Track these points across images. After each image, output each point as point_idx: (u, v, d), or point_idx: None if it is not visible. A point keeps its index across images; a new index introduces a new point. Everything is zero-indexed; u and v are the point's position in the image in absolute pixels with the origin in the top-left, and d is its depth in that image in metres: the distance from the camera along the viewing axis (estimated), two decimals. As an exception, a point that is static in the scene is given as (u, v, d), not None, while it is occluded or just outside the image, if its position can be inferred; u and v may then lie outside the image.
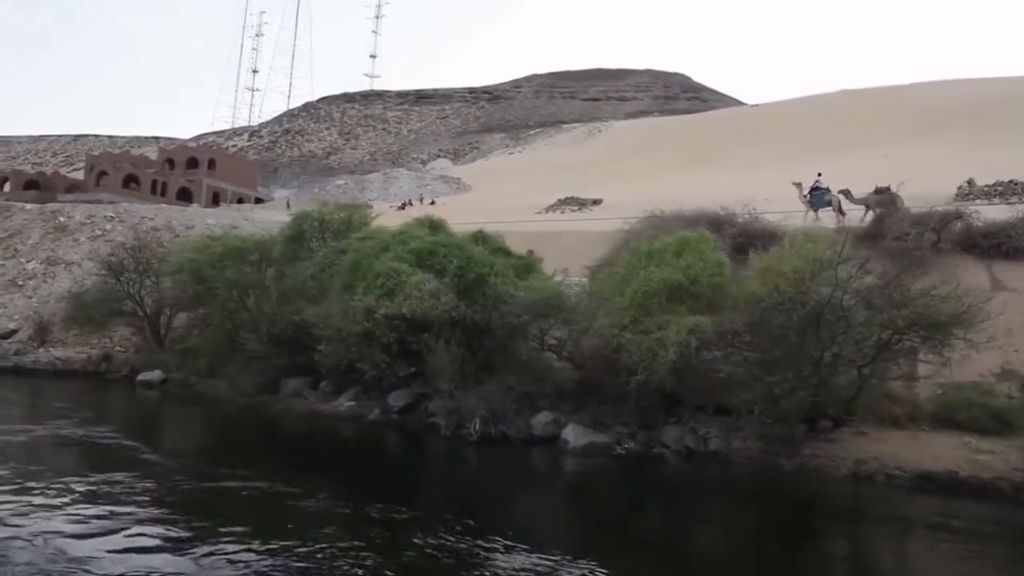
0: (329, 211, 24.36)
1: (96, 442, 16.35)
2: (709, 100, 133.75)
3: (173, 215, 37.66)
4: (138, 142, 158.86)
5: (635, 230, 29.44)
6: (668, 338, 16.42)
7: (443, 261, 20.39)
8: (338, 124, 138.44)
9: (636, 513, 13.98)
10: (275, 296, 21.59)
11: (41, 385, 25.78)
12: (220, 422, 20.66)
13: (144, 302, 27.80)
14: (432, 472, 16.94)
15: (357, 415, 20.51)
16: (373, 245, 21.64)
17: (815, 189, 33.51)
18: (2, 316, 30.45)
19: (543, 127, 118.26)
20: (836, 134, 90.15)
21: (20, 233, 35.89)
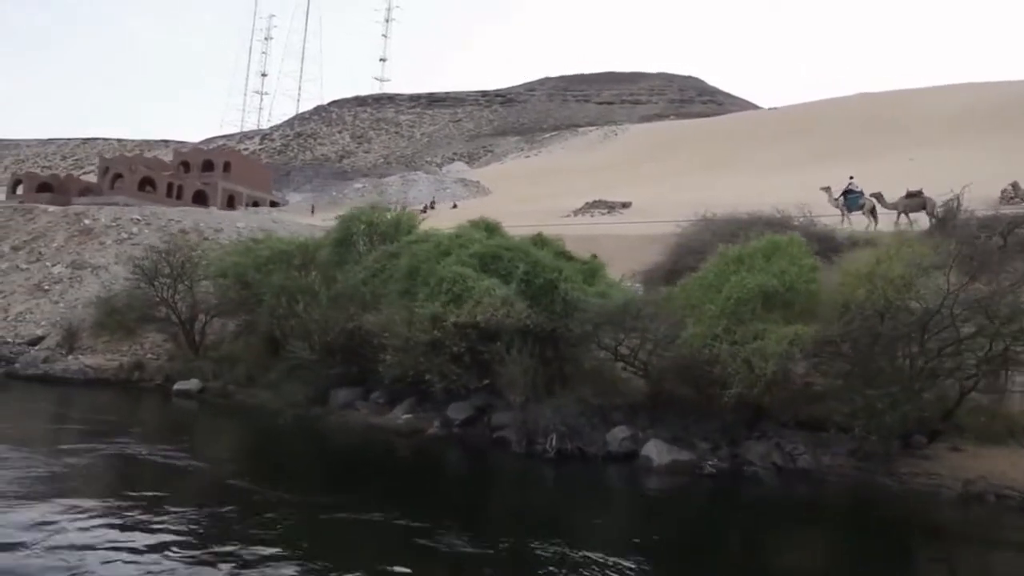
0: (377, 213, 23.15)
1: (145, 458, 15.24)
2: (724, 103, 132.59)
3: (200, 218, 36.52)
4: (148, 145, 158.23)
5: (688, 233, 28.36)
6: (767, 349, 15.23)
7: (508, 266, 19.20)
8: (350, 127, 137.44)
9: (738, 539, 12.83)
10: (325, 302, 20.40)
11: (73, 394, 24.62)
12: (271, 435, 19.46)
13: (178, 307, 26.65)
14: (508, 493, 15.73)
15: (415, 429, 19.29)
16: (429, 249, 20.47)
17: (848, 192, 32.53)
18: (29, 322, 29.30)
19: (557, 130, 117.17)
20: (856, 138, 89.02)
21: (44, 236, 34.76)
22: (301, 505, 12.20)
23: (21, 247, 34.25)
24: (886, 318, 16.10)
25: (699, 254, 26.16)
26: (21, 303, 30.36)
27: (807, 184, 67.69)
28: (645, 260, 28.67)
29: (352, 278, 21.04)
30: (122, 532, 10.00)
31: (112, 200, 60.05)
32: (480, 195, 73.65)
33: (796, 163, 78.22)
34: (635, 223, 37.43)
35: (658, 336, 17.17)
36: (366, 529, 11.14)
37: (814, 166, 76.20)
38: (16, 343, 28.20)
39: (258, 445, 18.79)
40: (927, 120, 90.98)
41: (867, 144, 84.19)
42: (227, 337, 27.79)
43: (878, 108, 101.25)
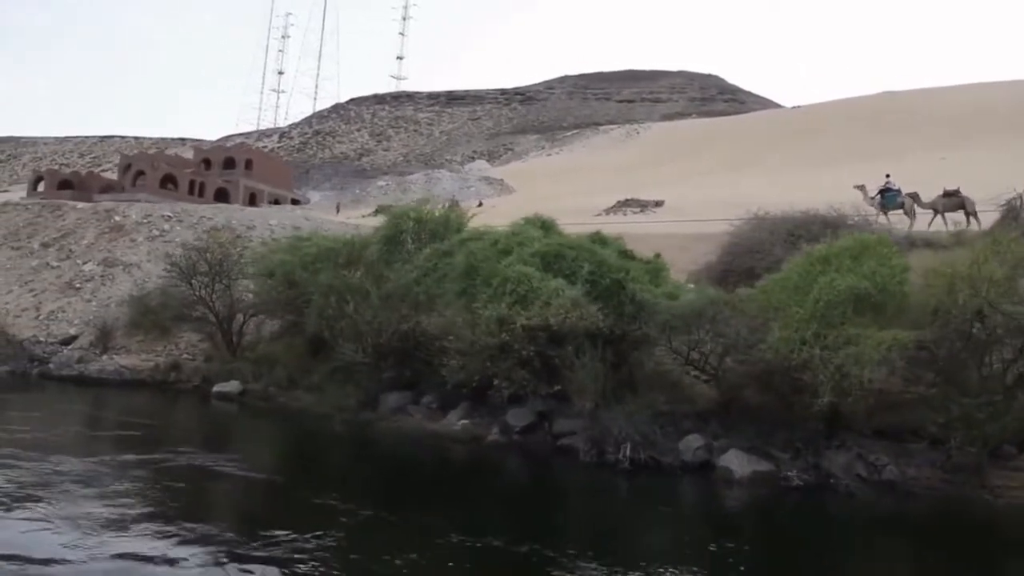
0: (427, 210, 22.26)
1: (192, 465, 14.45)
2: (746, 102, 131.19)
3: (232, 215, 35.73)
4: (165, 143, 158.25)
5: (742, 232, 27.37)
6: (863, 355, 14.24)
7: (572, 265, 18.22)
8: (369, 125, 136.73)
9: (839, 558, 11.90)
10: (376, 302, 19.52)
11: (109, 396, 23.88)
12: (322, 441, 18.60)
13: (216, 307, 25.86)
14: (582, 505, 14.78)
15: (473, 435, 18.41)
16: (486, 247, 19.55)
17: (886, 190, 31.59)
18: (61, 321, 28.56)
19: (578, 129, 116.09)
20: (881, 136, 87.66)
21: (73, 233, 34.06)
22: (362, 516, 11.62)
23: (51, 244, 33.57)
24: (984, 322, 15.12)
25: (756, 253, 25.22)
26: (52, 301, 29.65)
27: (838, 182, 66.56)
28: (695, 260, 27.75)
29: (404, 277, 20.13)
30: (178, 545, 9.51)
31: (134, 197, 59.51)
32: (504, 193, 72.73)
33: (823, 161, 77.02)
34: (678, 221, 36.41)
35: (737, 340, 16.19)
36: (431, 542, 10.46)
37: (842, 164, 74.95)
38: (49, 342, 27.47)
39: (310, 451, 17.91)
40: (952, 118, 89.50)
41: (893, 143, 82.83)
42: (263, 337, 27.02)
43: (902, 106, 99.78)
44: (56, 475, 12.68)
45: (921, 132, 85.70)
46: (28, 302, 29.75)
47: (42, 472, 12.76)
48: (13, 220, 36.25)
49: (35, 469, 12.94)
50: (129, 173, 74.54)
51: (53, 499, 11.14)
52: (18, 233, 34.96)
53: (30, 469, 12.91)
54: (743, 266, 25.13)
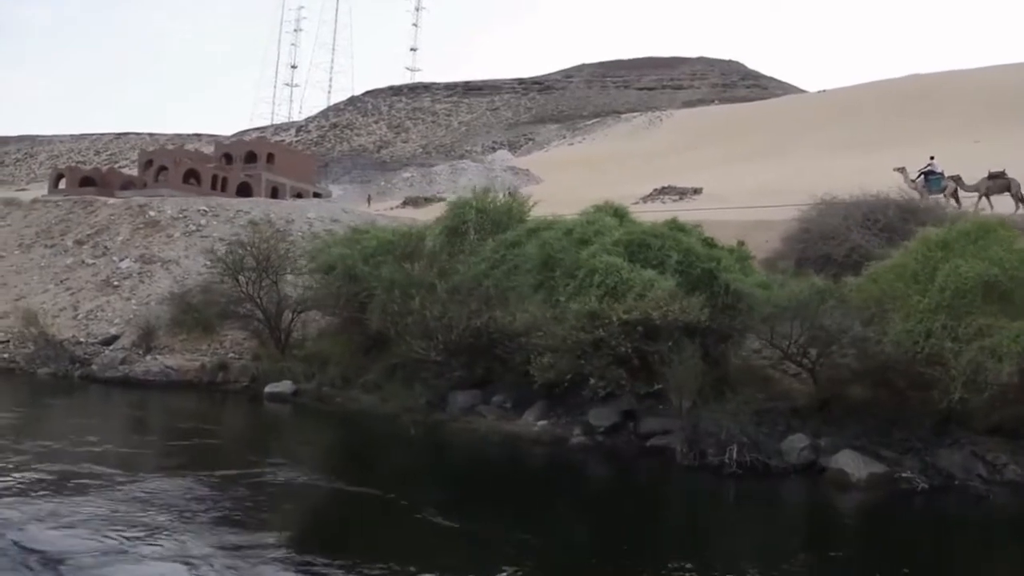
0: (490, 199, 21.10)
1: (267, 477, 13.36)
2: (768, 87, 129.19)
3: (270, 208, 34.67)
4: (180, 139, 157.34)
5: (811, 218, 26.13)
6: (1001, 347, 13.01)
7: (658, 254, 17.05)
8: (386, 117, 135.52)
9: None
10: (444, 296, 18.39)
11: (157, 399, 22.89)
12: (394, 444, 17.50)
13: (264, 303, 24.80)
14: (691, 515, 13.64)
15: (555, 436, 17.28)
16: (557, 236, 18.38)
17: (930, 173, 30.41)
18: (100, 320, 27.58)
19: (599, 117, 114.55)
20: (914, 119, 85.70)
21: (107, 229, 33.09)
22: (447, 528, 10.92)
23: (84, 241, 32.62)
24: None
25: (831, 240, 23.95)
26: (90, 300, 28.68)
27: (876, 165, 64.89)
28: (756, 248, 26.46)
29: (471, 270, 18.99)
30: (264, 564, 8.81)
31: (157, 193, 58.62)
32: (531, 183, 71.40)
33: (858, 145, 75.30)
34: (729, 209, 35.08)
35: (844, 333, 14.97)
36: (525, 557, 9.63)
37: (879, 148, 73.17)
38: (89, 343, 26.49)
39: (381, 456, 16.80)
40: (983, 100, 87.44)
41: (925, 125, 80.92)
42: (309, 334, 25.98)
43: (931, 88, 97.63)
44: (126, 492, 11.64)
45: (953, 114, 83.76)
46: (65, 301, 28.80)
47: (111, 489, 11.73)
48: (44, 217, 35.34)
49: (102, 485, 11.91)
50: (151, 169, 73.57)
51: (128, 518, 10.11)
52: (50, 230, 34.03)
53: (97, 485, 11.88)
54: (817, 253, 23.90)
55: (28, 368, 25.27)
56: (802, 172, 59.72)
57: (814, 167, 64.32)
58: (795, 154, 72.86)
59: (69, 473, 12.47)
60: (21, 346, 26.33)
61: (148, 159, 78.61)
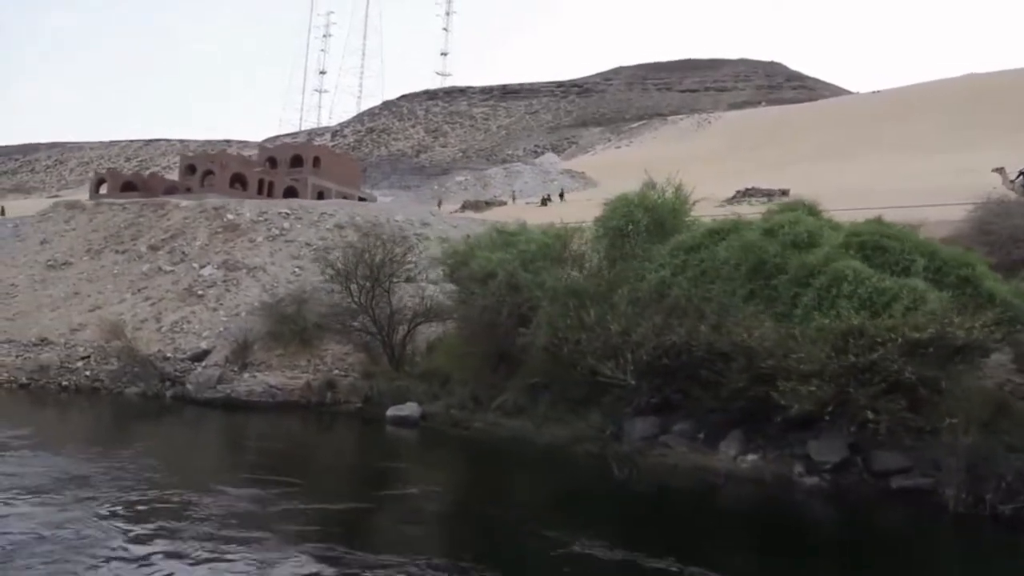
0: (657, 196, 18.36)
1: (438, 512, 10.62)
2: (815, 88, 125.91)
3: (355, 211, 32.08)
4: (210, 145, 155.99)
5: (986, 219, 23.44)
6: None
7: (899, 258, 14.24)
8: (423, 122, 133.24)
9: None
10: (628, 309, 15.63)
11: (263, 422, 20.32)
12: (575, 481, 14.74)
13: (376, 315, 22.22)
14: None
15: (772, 475, 14.44)
16: (757, 238, 15.64)
17: None
18: (187, 333, 25.01)
19: (643, 120, 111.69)
20: (979, 119, 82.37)
21: (183, 234, 30.59)
22: None
23: (159, 246, 30.13)
24: None
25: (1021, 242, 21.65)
26: (174, 311, 26.14)
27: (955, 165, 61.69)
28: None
29: (650, 278, 16.24)
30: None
31: (204, 196, 56.51)
32: (588, 187, 68.73)
33: (924, 146, 72.25)
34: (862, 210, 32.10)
35: None
36: None
37: (946, 148, 70.13)
38: (179, 358, 23.92)
39: (579, 497, 13.96)
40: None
41: (996, 125, 77.64)
42: (419, 349, 23.36)
43: (989, 88, 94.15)
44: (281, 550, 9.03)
45: (1016, 112, 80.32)
46: (146, 312, 26.29)
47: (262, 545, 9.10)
48: (111, 221, 32.90)
49: (252, 539, 9.31)
50: (196, 174, 71.53)
51: None
52: (120, 235, 31.59)
53: (246, 538, 9.28)
54: (1010, 257, 21.32)
55: (114, 387, 22.76)
56: (883, 173, 56.76)
57: (896, 167, 61.26)
58: (864, 155, 69.81)
59: (199, 513, 9.98)
60: (104, 362, 23.83)
61: (189, 163, 76.59)
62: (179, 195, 64.64)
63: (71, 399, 22.45)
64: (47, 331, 25.94)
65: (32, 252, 31.69)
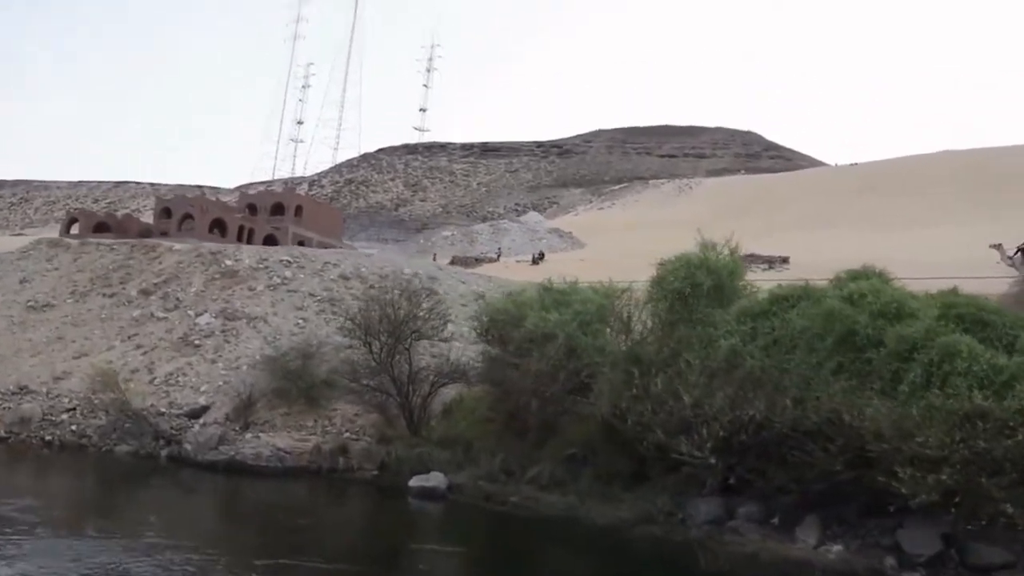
0: (716, 257, 17.26)
1: None
2: (792, 159, 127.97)
3: (360, 261, 30.59)
4: (182, 189, 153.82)
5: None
6: None
7: (1002, 333, 13.21)
8: (402, 175, 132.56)
9: None
10: (699, 380, 14.33)
11: (271, 490, 18.58)
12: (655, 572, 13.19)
13: (395, 374, 20.64)
14: None
15: (857, 568, 13.07)
16: (839, 306, 14.54)
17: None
18: (183, 387, 23.11)
19: (623, 183, 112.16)
20: (960, 194, 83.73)
21: (177, 278, 28.80)
22: None
23: (151, 291, 28.28)
24: None
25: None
26: (168, 361, 24.26)
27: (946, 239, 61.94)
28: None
29: (723, 346, 15.00)
30: None
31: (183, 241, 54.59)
32: (576, 247, 67.97)
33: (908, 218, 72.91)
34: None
35: None
36: None
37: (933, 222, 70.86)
38: (174, 414, 22.00)
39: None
40: None
41: (975, 202, 78.89)
42: (434, 412, 21.74)
43: (967, 165, 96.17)
44: None
45: (1001, 190, 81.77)
46: (137, 361, 24.37)
47: None
48: (99, 262, 31.00)
49: None
50: (172, 218, 69.53)
51: None
52: (108, 277, 29.68)
53: None
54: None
55: (102, 444, 20.74)
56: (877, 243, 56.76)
57: (883, 238, 61.46)
58: (848, 226, 70.22)
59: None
60: (91, 415, 21.83)
61: (165, 206, 74.66)
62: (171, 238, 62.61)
63: (54, 457, 20.42)
64: (27, 379, 23.87)
65: (11, 291, 29.61)
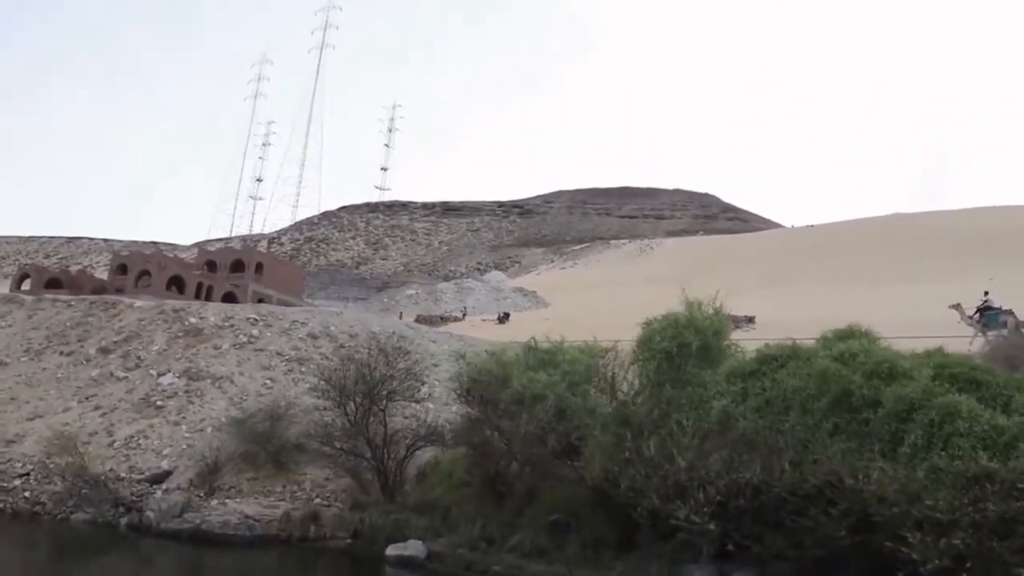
0: (703, 316, 17.08)
1: None
2: (749, 220, 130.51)
3: (329, 319, 29.86)
4: (135, 246, 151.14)
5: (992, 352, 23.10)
6: None
7: (998, 393, 13.12)
8: (364, 234, 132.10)
9: None
10: (692, 441, 13.98)
11: (239, 561, 17.60)
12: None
13: (371, 437, 19.96)
14: None
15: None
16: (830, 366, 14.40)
17: (986, 309, 28.51)
18: (145, 450, 22.06)
19: (585, 243, 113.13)
20: (913, 255, 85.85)
21: (138, 336, 27.80)
22: None
23: (111, 349, 27.23)
24: None
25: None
26: (128, 424, 23.21)
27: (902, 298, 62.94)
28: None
29: (716, 407, 14.73)
30: None
31: (138, 298, 53.24)
32: (540, 306, 67.84)
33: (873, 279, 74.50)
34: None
35: None
36: None
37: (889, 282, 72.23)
38: (135, 479, 20.93)
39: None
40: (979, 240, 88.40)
41: (930, 263, 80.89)
42: (408, 477, 21.03)
43: (922, 227, 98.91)
44: None
45: (952, 253, 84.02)
46: (96, 423, 23.27)
47: None
48: (55, 318, 29.86)
49: None
50: (129, 274, 68.08)
51: None
52: (66, 334, 28.55)
53: None
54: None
55: (58, 512, 19.60)
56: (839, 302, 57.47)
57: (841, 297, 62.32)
58: (812, 285, 71.28)
59: None
60: (46, 481, 20.68)
61: (122, 263, 73.37)
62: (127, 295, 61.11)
63: (5, 525, 19.25)
64: (-24, 442, 22.61)
65: (-40, 349, 28.30)
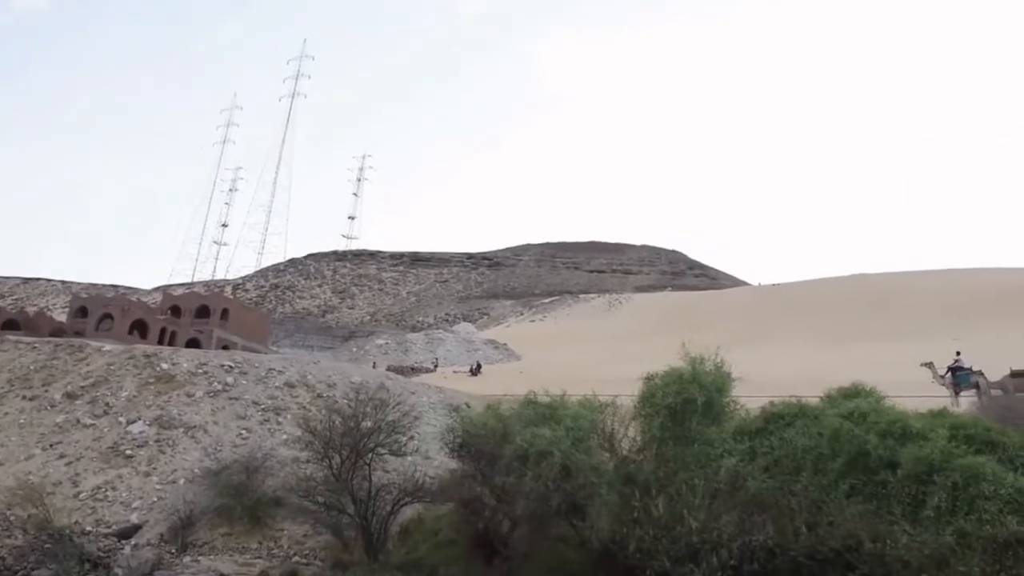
0: (706, 371, 16.73)
1: None
2: (717, 278, 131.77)
3: (307, 368, 28.99)
4: (94, 289, 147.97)
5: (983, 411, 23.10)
6: None
7: (1015, 455, 12.87)
8: (330, 282, 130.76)
9: None
10: (704, 502, 13.49)
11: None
12: None
13: (355, 492, 19.13)
14: None
15: None
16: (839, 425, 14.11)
17: (958, 369, 28.70)
18: (113, 502, 20.92)
19: (554, 296, 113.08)
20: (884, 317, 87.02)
21: (106, 382, 26.68)
22: None
23: (77, 395, 26.06)
24: None
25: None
26: (95, 473, 22.06)
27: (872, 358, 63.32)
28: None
29: (726, 464, 14.30)
30: None
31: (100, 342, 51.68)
32: (512, 359, 67.21)
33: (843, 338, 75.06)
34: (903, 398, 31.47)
35: None
36: None
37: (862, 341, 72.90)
38: (102, 534, 19.78)
39: None
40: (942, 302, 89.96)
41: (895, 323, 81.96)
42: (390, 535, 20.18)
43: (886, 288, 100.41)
44: None
45: (917, 313, 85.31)
46: (60, 473, 22.09)
47: None
48: (18, 361, 28.60)
49: None
50: (89, 317, 66.29)
51: None
52: (29, 378, 27.32)
53: None
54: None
55: (18, 568, 18.36)
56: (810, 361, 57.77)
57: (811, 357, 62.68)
58: (782, 344, 71.69)
59: None
60: (5, 534, 19.44)
61: (82, 305, 71.62)
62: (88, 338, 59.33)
63: (-40, 583, 17.94)
64: (-69, 492, 21.27)
65: (-85, 393, 26.90)
